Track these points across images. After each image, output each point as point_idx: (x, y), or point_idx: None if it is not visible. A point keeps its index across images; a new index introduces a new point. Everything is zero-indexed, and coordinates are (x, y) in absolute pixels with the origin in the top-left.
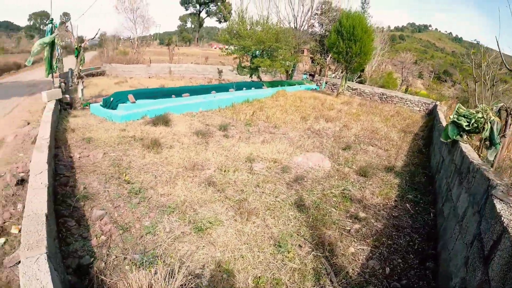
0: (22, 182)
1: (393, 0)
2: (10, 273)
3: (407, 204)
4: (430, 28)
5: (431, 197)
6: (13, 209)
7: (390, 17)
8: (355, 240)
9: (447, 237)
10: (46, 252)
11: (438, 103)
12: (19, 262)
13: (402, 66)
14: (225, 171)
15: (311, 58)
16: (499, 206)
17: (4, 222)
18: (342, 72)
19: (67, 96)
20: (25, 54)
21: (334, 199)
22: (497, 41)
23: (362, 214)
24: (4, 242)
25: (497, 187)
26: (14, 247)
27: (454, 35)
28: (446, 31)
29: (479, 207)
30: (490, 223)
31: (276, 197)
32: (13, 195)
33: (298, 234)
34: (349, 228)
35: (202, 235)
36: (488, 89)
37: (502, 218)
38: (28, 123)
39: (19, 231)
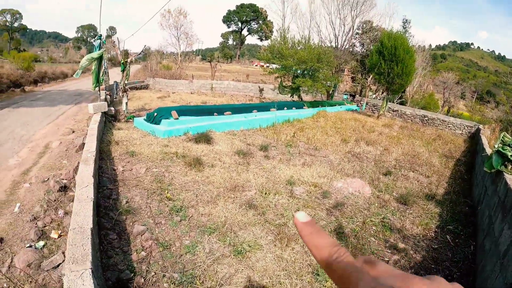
0: (64, 188)
1: (433, 18)
2: (46, 276)
3: (448, 236)
4: (472, 46)
5: (472, 229)
6: (54, 215)
7: (431, 35)
8: None
9: (486, 274)
10: (91, 268)
11: (481, 126)
12: (57, 266)
13: (444, 87)
14: (265, 193)
15: (351, 77)
16: None
17: (45, 226)
18: (383, 93)
19: (112, 108)
20: (72, 64)
21: (374, 227)
22: None
23: (401, 245)
24: (43, 245)
25: None
26: (53, 251)
27: (497, 53)
28: (488, 49)
29: None
30: None
31: (316, 223)
32: (55, 200)
33: None
34: (387, 259)
35: (241, 259)
36: None
37: None
38: (73, 131)
39: (59, 236)
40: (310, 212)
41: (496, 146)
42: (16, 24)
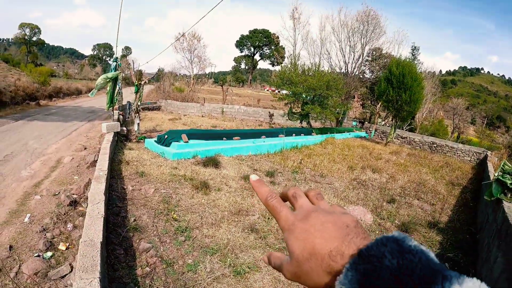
0: (74, 203)
1: (444, 44)
2: (53, 285)
3: (446, 264)
4: (482, 71)
5: (473, 257)
6: (63, 227)
7: (441, 61)
8: None
9: None
10: (99, 277)
11: (488, 153)
12: (63, 276)
13: (453, 113)
14: (268, 218)
15: (361, 104)
16: None
17: (53, 238)
18: (392, 120)
19: (124, 128)
20: (87, 81)
21: None
22: None
23: None
24: (51, 256)
25: None
26: (60, 262)
27: (507, 78)
28: (498, 74)
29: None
30: None
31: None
32: (64, 214)
33: None
34: None
35: (240, 279)
36: None
37: None
38: (85, 148)
39: (66, 248)
40: None
41: (496, 174)
42: (34, 38)
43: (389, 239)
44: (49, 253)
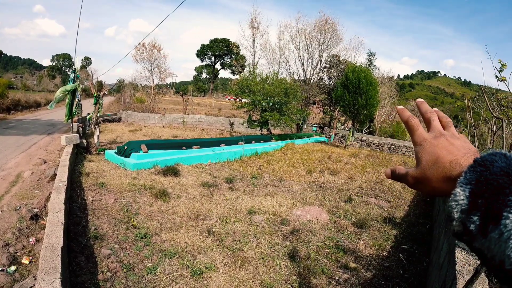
0: (36, 217)
1: (402, 49)
2: None
3: (401, 254)
4: (439, 74)
5: (427, 247)
6: (26, 242)
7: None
8: None
9: (431, 285)
10: (60, 278)
11: None
12: None
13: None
14: (225, 221)
15: (320, 110)
16: (458, 254)
17: (16, 252)
18: (351, 124)
19: (83, 140)
20: (46, 93)
21: (327, 250)
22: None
23: (352, 264)
24: (15, 270)
25: None
26: (24, 276)
27: (463, 79)
28: (454, 76)
29: (450, 256)
30: (450, 271)
31: (271, 247)
32: (26, 228)
33: (286, 281)
34: (338, 278)
35: (198, 278)
36: (495, 133)
37: (456, 266)
38: (45, 162)
39: (30, 262)
40: (266, 238)
41: None
42: None
43: (497, 152)
44: (12, 267)
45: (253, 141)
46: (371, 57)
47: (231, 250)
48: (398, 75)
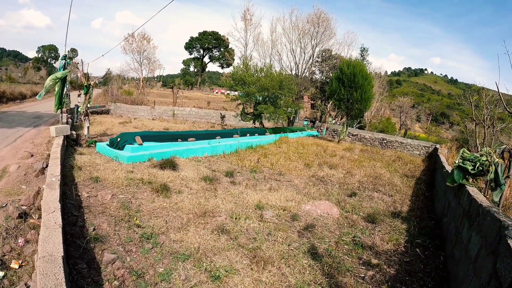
0: (24, 215)
1: (390, 46)
2: None
3: (417, 249)
4: (426, 71)
5: (439, 241)
6: (14, 243)
7: (386, 63)
8: (371, 287)
9: (460, 278)
10: None
11: (438, 146)
12: None
13: (400, 111)
14: (236, 218)
15: (311, 104)
16: None
17: (4, 255)
18: (342, 119)
19: (73, 132)
20: (31, 85)
21: (346, 246)
22: (497, 86)
23: (374, 261)
24: (3, 276)
25: (509, 228)
26: (14, 283)
27: (449, 77)
28: (441, 74)
29: (493, 248)
30: (506, 261)
31: (289, 245)
32: (14, 228)
33: (315, 283)
34: (363, 275)
35: (219, 284)
36: (486, 129)
37: None
38: (32, 155)
39: (20, 266)
40: (282, 235)
41: (456, 161)
42: None
43: None
44: (0, 273)
45: (248, 134)
46: (364, 52)
47: (248, 249)
48: (386, 72)
